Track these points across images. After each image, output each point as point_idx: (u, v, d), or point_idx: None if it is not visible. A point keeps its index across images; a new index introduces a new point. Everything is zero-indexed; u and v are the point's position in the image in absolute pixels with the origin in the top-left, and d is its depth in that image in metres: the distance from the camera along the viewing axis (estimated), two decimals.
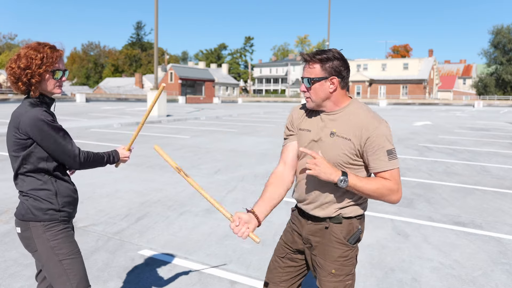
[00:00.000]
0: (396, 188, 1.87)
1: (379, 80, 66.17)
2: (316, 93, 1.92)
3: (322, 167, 1.80)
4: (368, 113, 1.92)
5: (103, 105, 34.76)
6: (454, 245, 4.29)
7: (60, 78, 2.08)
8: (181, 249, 4.09)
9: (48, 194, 2.03)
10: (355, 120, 1.90)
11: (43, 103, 2.06)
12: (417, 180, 7.37)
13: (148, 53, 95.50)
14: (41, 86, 2.03)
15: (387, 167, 1.87)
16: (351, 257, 1.97)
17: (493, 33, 66.87)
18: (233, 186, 6.73)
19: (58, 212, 2.05)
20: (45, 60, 1.99)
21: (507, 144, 12.95)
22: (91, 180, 6.87)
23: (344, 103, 1.96)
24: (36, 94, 2.02)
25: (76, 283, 2.04)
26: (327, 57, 1.88)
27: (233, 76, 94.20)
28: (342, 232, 1.95)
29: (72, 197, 2.14)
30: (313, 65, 1.90)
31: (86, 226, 4.68)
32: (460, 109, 42.73)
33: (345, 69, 1.91)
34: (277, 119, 23.20)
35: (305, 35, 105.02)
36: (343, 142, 1.90)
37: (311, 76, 1.91)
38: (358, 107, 1.95)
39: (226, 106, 41.25)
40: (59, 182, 2.08)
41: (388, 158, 1.87)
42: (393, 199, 1.89)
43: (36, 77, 1.98)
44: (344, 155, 1.90)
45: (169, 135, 13.84)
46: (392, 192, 1.88)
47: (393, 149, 1.89)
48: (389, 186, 1.87)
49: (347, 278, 1.96)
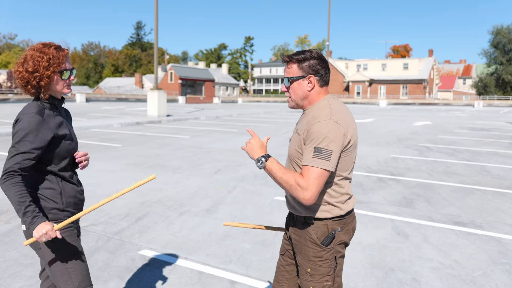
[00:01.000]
0: (305, 186, 1.79)
1: (379, 80, 66.14)
2: (294, 92, 1.98)
3: (252, 146, 1.93)
4: (324, 110, 1.90)
5: (103, 105, 34.75)
6: (454, 245, 4.29)
7: (68, 78, 2.06)
8: (181, 249, 4.09)
9: (53, 193, 2.03)
10: (310, 116, 1.92)
11: (52, 105, 2.06)
12: (417, 180, 7.38)
13: (148, 53, 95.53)
14: (50, 88, 2.03)
15: (306, 161, 1.81)
16: (327, 258, 1.94)
17: (493, 33, 66.87)
18: (233, 186, 6.73)
19: (62, 212, 2.05)
20: (52, 62, 1.97)
21: (507, 144, 12.95)
22: (91, 180, 6.87)
23: (316, 101, 1.98)
24: (47, 97, 2.02)
25: (78, 282, 2.04)
26: (304, 57, 1.94)
27: (233, 76, 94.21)
28: (316, 233, 1.95)
29: (78, 198, 2.14)
30: (291, 65, 1.97)
31: (86, 226, 4.68)
32: (460, 109, 42.73)
33: (323, 67, 1.95)
34: (277, 119, 23.19)
35: (305, 35, 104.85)
36: (297, 138, 1.95)
37: (289, 75, 1.98)
38: (323, 103, 1.95)
39: (226, 106, 41.25)
40: (64, 182, 2.08)
41: (313, 155, 1.80)
42: (300, 196, 1.81)
43: (45, 80, 1.97)
44: (296, 151, 1.94)
45: (169, 135, 13.85)
46: (299, 187, 1.80)
47: (324, 150, 1.79)
48: (298, 180, 1.80)
49: (325, 279, 1.95)
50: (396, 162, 9.13)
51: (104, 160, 8.85)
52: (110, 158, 9.06)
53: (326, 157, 1.80)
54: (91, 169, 7.76)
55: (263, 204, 5.67)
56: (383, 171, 8.10)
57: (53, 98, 2.07)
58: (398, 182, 7.20)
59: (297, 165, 1.95)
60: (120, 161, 8.77)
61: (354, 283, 3.44)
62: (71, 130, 2.17)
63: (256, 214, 5.24)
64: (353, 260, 3.87)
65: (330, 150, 1.80)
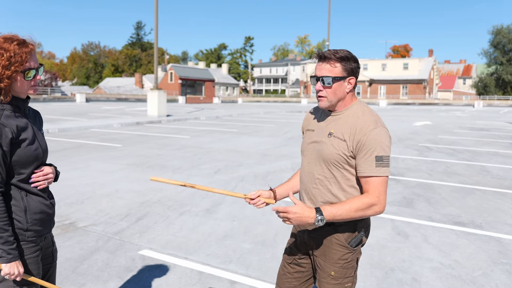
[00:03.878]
0: (376, 201, 1.81)
1: (379, 80, 66.16)
2: (334, 93, 1.91)
3: (297, 216, 1.79)
4: (367, 116, 1.90)
5: (103, 105, 34.75)
6: (454, 245, 4.29)
7: (34, 78, 1.80)
8: (181, 249, 4.09)
9: (16, 210, 1.78)
10: (352, 121, 1.90)
11: (15, 107, 1.81)
12: (417, 180, 7.37)
13: (148, 53, 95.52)
14: (12, 90, 1.77)
15: (372, 172, 1.82)
16: (351, 260, 1.96)
17: (493, 33, 66.85)
18: (233, 186, 6.72)
19: (26, 232, 1.80)
20: (13, 60, 1.72)
21: (507, 144, 12.95)
22: (91, 180, 6.87)
23: (350, 104, 1.97)
24: (8, 99, 1.75)
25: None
26: (347, 57, 1.89)
27: (233, 76, 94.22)
28: (343, 234, 1.94)
29: (46, 213, 1.87)
30: (334, 63, 1.88)
31: (86, 226, 4.68)
32: (460, 109, 42.73)
33: (358, 70, 1.95)
34: (277, 119, 23.19)
35: (305, 35, 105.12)
36: (338, 142, 1.91)
37: (332, 74, 1.88)
38: (360, 108, 1.94)
39: (226, 106, 41.25)
40: (29, 197, 1.81)
41: (376, 164, 1.81)
42: (376, 213, 1.84)
43: (5, 81, 1.72)
44: (338, 155, 1.90)
45: (169, 135, 13.85)
46: (373, 206, 1.82)
47: (385, 157, 1.83)
48: (367, 201, 1.81)
49: (346, 281, 1.96)
50: (396, 162, 9.13)
51: (104, 160, 8.85)
52: (110, 158, 9.06)
53: (387, 164, 1.84)
54: (91, 169, 7.76)
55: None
56: None
57: (16, 98, 1.80)
58: (398, 182, 7.20)
59: (336, 168, 1.92)
60: (120, 161, 8.77)
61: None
62: (38, 134, 1.88)
63: (256, 214, 5.24)
64: None
65: (388, 156, 1.85)
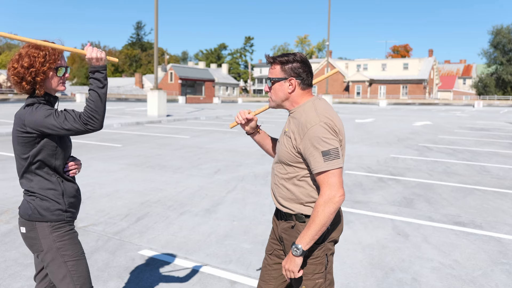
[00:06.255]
0: (332, 194, 1.81)
1: (379, 80, 66.14)
2: (275, 93, 2.02)
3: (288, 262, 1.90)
4: (311, 113, 1.92)
5: None
6: (454, 245, 4.29)
7: (63, 75, 2.07)
8: (181, 249, 4.09)
9: (56, 194, 2.02)
10: (298, 119, 1.95)
11: (48, 102, 2.04)
12: (417, 180, 7.38)
13: (148, 53, 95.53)
14: (45, 84, 2.02)
15: (321, 167, 1.83)
16: (318, 256, 1.96)
17: (493, 33, 66.87)
18: (233, 186, 6.73)
19: (65, 213, 2.04)
20: (48, 58, 1.97)
21: (507, 144, 12.96)
22: (91, 180, 6.87)
23: (301, 102, 2.01)
24: (42, 93, 2.00)
25: (80, 284, 2.05)
26: (287, 59, 1.97)
27: (233, 76, 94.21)
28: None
29: (77, 198, 2.14)
30: (274, 66, 2.01)
31: (86, 226, 4.68)
32: (460, 109, 42.73)
33: (305, 71, 1.98)
34: (277, 119, 23.18)
35: (305, 35, 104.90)
36: (287, 140, 1.97)
37: (272, 76, 2.02)
38: (309, 105, 1.97)
39: (226, 106, 41.24)
40: (65, 182, 2.08)
41: (324, 159, 1.83)
42: (338, 206, 1.83)
43: (41, 75, 1.97)
44: (287, 153, 1.96)
45: (169, 135, 13.85)
46: (330, 201, 1.82)
47: (332, 149, 1.83)
48: (322, 199, 1.82)
49: (316, 277, 1.96)
50: (396, 162, 9.13)
51: (104, 160, 8.85)
52: (110, 158, 9.06)
53: (336, 155, 1.84)
54: (91, 169, 7.76)
55: (263, 204, 5.67)
56: (383, 171, 8.10)
57: (48, 95, 2.05)
58: (398, 182, 7.20)
59: (287, 165, 1.98)
60: (120, 161, 8.77)
61: (354, 283, 3.44)
62: None
63: (256, 214, 5.24)
64: (353, 260, 3.87)
65: (335, 148, 1.85)
